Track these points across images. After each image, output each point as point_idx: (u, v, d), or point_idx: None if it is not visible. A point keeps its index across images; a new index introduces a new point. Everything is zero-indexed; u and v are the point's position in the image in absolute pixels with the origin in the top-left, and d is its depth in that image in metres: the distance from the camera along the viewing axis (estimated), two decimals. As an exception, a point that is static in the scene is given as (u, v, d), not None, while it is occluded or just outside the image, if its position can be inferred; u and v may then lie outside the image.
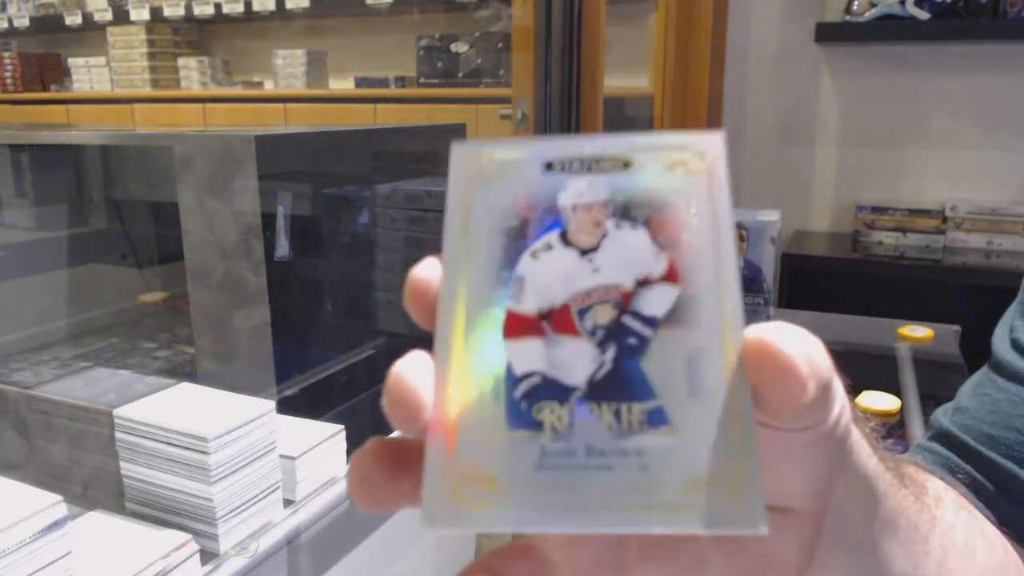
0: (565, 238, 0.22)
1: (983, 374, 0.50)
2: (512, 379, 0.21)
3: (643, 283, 0.21)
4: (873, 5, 2.03)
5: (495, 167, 0.22)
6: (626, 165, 0.22)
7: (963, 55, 2.12)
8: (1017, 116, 2.10)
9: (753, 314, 1.37)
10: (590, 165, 0.22)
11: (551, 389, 0.21)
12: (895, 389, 0.97)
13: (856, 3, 2.06)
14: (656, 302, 0.21)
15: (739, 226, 1.36)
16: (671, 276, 0.21)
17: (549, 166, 0.22)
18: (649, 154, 0.22)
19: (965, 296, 1.89)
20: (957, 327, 1.24)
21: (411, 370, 0.21)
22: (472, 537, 0.77)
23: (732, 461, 0.20)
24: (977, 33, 2.03)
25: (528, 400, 0.21)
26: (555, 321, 0.21)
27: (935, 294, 1.94)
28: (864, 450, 0.27)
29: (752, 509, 0.20)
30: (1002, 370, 0.47)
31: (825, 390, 0.21)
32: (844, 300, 1.49)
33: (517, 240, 0.22)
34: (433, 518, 0.20)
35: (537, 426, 0.21)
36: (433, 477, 0.20)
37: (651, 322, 0.21)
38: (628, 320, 0.21)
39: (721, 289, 0.21)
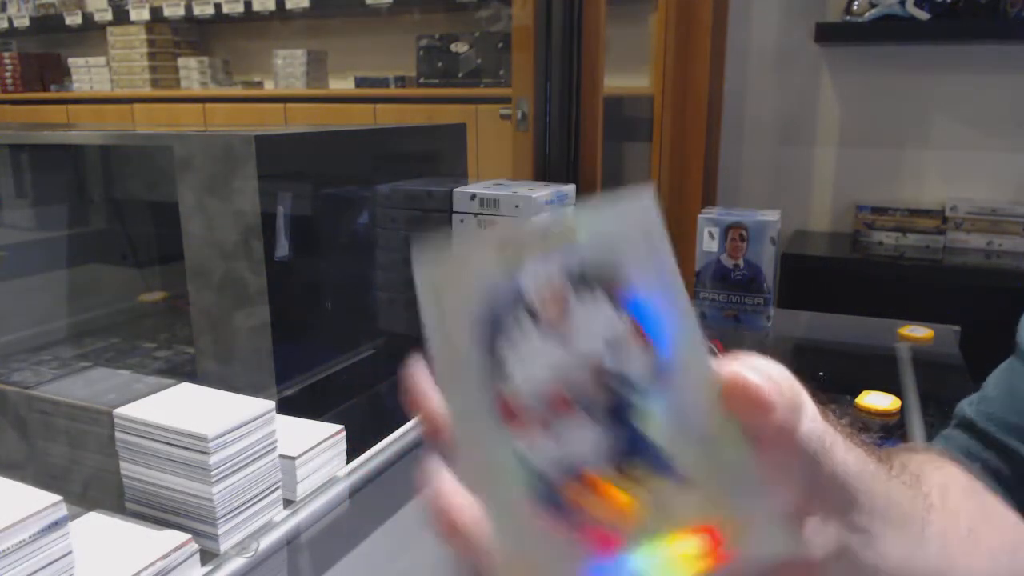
0: (535, 318, 0.23)
1: (1008, 363, 0.52)
2: (528, 466, 0.22)
3: (614, 346, 0.23)
4: (873, 5, 2.03)
5: (456, 266, 0.23)
6: (570, 237, 0.23)
7: (963, 55, 2.12)
8: (1017, 116, 2.10)
9: (753, 314, 1.37)
10: (539, 243, 0.23)
11: (565, 465, 0.22)
12: (895, 389, 0.97)
13: (856, 3, 2.06)
14: (633, 365, 0.23)
15: (739, 226, 1.36)
16: (638, 336, 0.23)
17: (503, 251, 0.23)
18: (588, 223, 0.23)
19: (965, 296, 1.88)
20: (957, 327, 1.24)
21: (444, 489, 0.23)
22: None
23: (742, 493, 0.22)
24: (977, 33, 2.03)
25: (546, 480, 0.22)
26: (550, 403, 0.22)
27: (935, 294, 1.94)
28: (839, 449, 0.28)
29: (772, 532, 0.21)
30: None
31: (793, 408, 0.24)
32: (844, 300, 1.49)
33: (493, 331, 0.23)
34: None
35: (558, 500, 0.22)
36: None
37: (634, 386, 0.22)
38: (614, 386, 0.23)
39: (684, 336, 0.23)
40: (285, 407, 0.72)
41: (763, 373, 0.23)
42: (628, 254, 0.23)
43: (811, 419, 0.26)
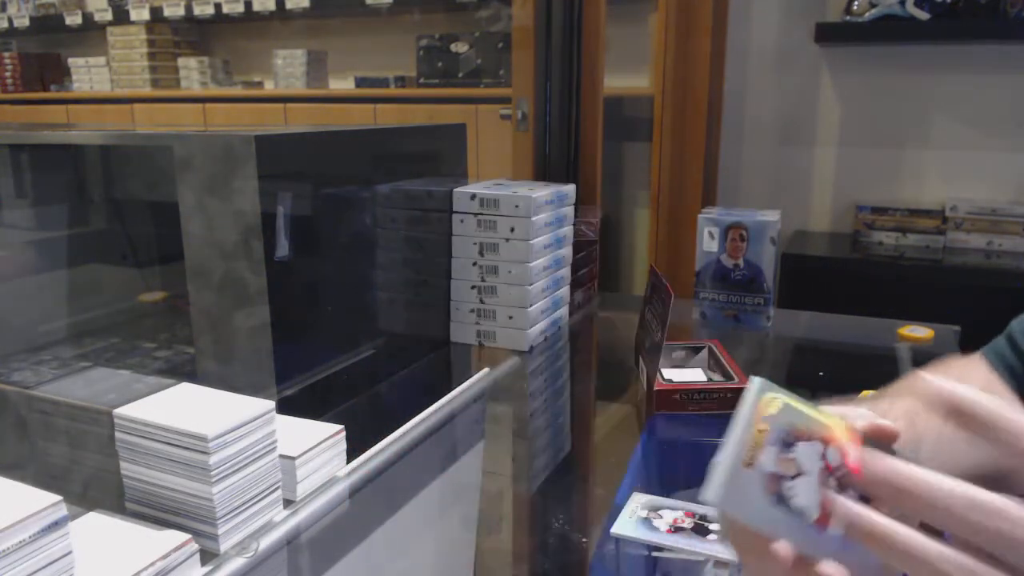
0: (787, 478, 0.38)
1: None
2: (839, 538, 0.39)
3: (824, 456, 0.38)
4: (873, 5, 2.03)
5: (738, 487, 0.38)
6: (764, 434, 0.38)
7: (963, 55, 2.12)
8: (1017, 116, 2.10)
9: (753, 314, 1.37)
10: (756, 447, 0.38)
11: (848, 516, 0.38)
12: (895, 389, 0.97)
13: (856, 3, 2.06)
14: (836, 457, 0.39)
15: (739, 226, 1.36)
16: (824, 443, 0.39)
17: (748, 463, 0.38)
18: (763, 418, 0.38)
19: (965, 296, 1.89)
20: (957, 327, 1.24)
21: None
22: (472, 539, 0.77)
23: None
24: (977, 33, 2.03)
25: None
26: (825, 504, 0.38)
27: (935, 294, 1.94)
28: None
29: None
30: None
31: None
32: (844, 300, 1.49)
33: (783, 502, 0.38)
34: None
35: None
36: None
37: (844, 465, 0.38)
38: (839, 473, 0.39)
39: (835, 423, 0.39)
40: (285, 407, 0.72)
41: (874, 415, 0.40)
42: (788, 414, 0.38)
43: None
